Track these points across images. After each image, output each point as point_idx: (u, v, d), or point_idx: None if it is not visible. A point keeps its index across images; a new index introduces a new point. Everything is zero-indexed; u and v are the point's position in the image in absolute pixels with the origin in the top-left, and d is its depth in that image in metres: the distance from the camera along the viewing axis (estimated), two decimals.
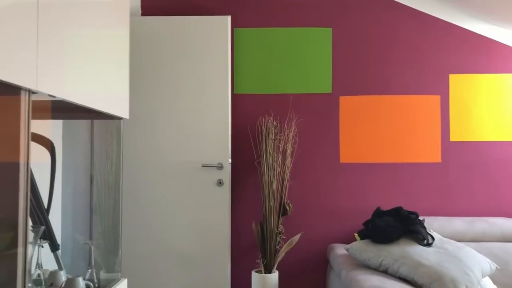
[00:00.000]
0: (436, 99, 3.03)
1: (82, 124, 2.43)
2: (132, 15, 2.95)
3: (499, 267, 2.36)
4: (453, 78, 3.03)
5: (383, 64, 3.05)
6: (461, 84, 3.03)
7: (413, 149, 3.02)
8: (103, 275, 1.81)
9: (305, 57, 3.05)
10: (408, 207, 2.96)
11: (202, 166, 2.89)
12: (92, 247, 1.57)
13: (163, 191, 2.90)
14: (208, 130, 2.90)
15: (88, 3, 1.39)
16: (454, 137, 3.02)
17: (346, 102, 3.05)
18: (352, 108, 3.05)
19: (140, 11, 3.04)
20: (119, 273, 1.66)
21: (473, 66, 3.03)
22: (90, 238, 2.17)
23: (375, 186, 3.02)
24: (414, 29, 3.05)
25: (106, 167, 2.03)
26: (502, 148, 3.01)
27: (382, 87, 3.04)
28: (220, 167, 2.89)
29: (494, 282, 2.46)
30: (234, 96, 3.05)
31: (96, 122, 2.61)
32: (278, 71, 3.06)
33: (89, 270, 1.52)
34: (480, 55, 3.03)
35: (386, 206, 2.95)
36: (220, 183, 2.89)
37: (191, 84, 2.91)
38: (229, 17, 2.90)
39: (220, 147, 2.89)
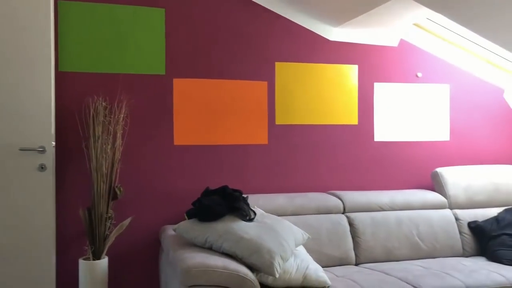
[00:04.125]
0: (263, 85, 3.22)
1: None
2: None
3: (310, 237, 2.63)
4: (279, 66, 3.25)
5: (216, 49, 3.13)
6: (285, 72, 3.27)
7: (242, 132, 3.18)
8: None
9: (136, 36, 2.97)
10: (238, 186, 3.11)
11: (20, 149, 2.64)
12: None
13: None
14: (27, 110, 2.65)
15: None
16: (279, 120, 3.26)
17: (180, 85, 3.06)
18: (186, 91, 3.08)
19: None
20: None
21: (296, 56, 3.30)
22: None
23: (208, 167, 3.11)
24: (245, 17, 3.18)
25: None
26: (320, 130, 3.34)
27: (215, 71, 3.13)
28: (42, 150, 2.67)
29: (308, 249, 2.73)
30: (58, 73, 2.83)
31: None
32: (107, 49, 2.92)
33: None
34: (303, 46, 3.30)
35: (218, 186, 3.06)
36: (42, 168, 2.67)
37: (4, 60, 2.62)
38: None
39: (41, 128, 2.67)
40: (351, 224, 3.03)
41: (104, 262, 2.70)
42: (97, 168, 2.70)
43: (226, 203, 2.44)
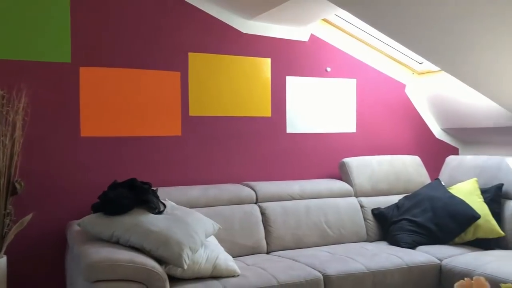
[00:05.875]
0: (176, 75, 3.18)
1: None
2: None
3: (221, 227, 2.65)
4: (192, 56, 3.23)
5: (127, 38, 3.03)
6: (199, 63, 3.25)
7: (155, 123, 3.12)
8: None
9: (38, 21, 2.79)
10: (150, 179, 3.01)
11: None
12: None
13: None
14: None
15: None
16: (193, 112, 3.23)
17: (88, 74, 2.93)
18: (94, 80, 2.95)
19: None
20: None
21: (210, 47, 3.28)
22: None
23: (118, 160, 3.02)
24: (157, 6, 3.11)
25: None
26: (234, 122, 3.36)
27: (125, 60, 3.03)
28: None
29: (220, 240, 2.74)
30: None
31: None
32: (4, 33, 2.72)
33: None
34: (217, 37, 3.30)
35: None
36: None
37: None
38: None
39: None
40: (263, 213, 3.09)
41: (2, 261, 2.52)
42: None
43: (134, 196, 2.39)
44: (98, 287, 2.02)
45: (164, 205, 2.47)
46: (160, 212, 2.41)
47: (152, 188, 2.51)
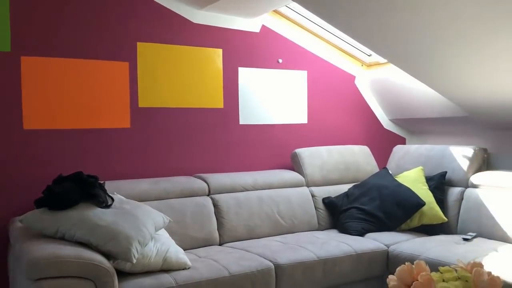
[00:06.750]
0: (124, 65, 3.09)
1: None
2: None
3: (172, 220, 2.62)
4: (141, 46, 3.15)
5: (71, 26, 2.92)
6: (149, 53, 3.18)
7: (102, 115, 3.03)
8: None
9: None
10: (99, 172, 2.93)
11: None
12: None
13: None
14: None
15: None
16: (142, 103, 3.16)
17: (30, 63, 2.80)
18: (38, 70, 2.82)
19: None
20: None
21: (160, 37, 3.21)
22: None
23: (64, 153, 2.91)
24: None
25: None
26: (186, 114, 3.32)
27: (70, 50, 2.92)
28: None
29: (172, 233, 2.70)
30: None
31: None
32: None
33: None
34: (167, 27, 3.23)
35: None
36: None
37: None
38: None
39: None
40: (215, 205, 3.08)
41: None
42: None
43: (81, 190, 2.31)
44: (42, 285, 1.94)
45: (112, 199, 2.41)
46: (107, 206, 2.35)
47: (99, 181, 2.44)
